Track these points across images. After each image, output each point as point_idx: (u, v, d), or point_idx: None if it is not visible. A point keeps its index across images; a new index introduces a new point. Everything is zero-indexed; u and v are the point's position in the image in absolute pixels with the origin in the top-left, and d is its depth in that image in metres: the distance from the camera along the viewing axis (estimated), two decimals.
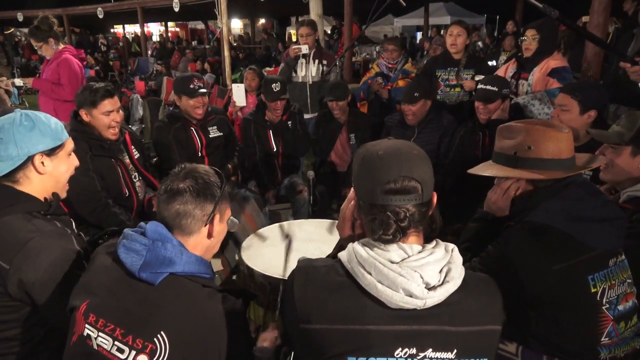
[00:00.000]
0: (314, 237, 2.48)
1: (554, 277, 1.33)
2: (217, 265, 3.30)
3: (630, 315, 1.45)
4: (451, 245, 1.10)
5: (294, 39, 3.99)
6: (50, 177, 1.54)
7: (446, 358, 1.02)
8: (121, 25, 21.97)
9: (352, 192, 1.19)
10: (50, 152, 1.52)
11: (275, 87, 3.42)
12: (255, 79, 4.67)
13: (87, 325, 1.20)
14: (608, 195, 1.84)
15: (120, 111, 2.54)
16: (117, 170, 2.54)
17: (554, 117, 2.41)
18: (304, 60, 4.25)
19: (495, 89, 2.87)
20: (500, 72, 3.42)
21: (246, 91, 4.32)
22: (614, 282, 1.40)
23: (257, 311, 2.16)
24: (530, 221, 1.41)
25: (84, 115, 2.45)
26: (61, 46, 3.98)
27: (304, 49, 4.13)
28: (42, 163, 1.50)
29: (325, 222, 2.62)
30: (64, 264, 1.42)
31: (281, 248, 2.35)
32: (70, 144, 1.61)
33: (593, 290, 1.36)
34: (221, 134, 3.28)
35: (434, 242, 1.09)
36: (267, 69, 9.15)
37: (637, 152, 1.80)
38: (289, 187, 3.62)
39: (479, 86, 2.99)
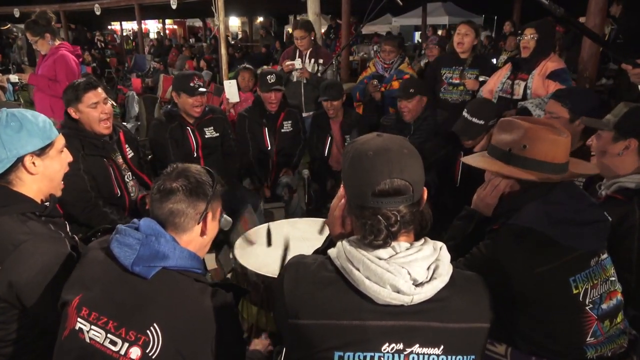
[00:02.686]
0: (308, 236, 2.49)
1: (536, 280, 1.35)
2: (211, 263, 3.30)
3: (615, 313, 1.46)
4: (439, 244, 1.11)
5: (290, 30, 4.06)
6: (43, 177, 1.52)
7: (433, 354, 1.03)
8: (118, 22, 21.87)
9: (342, 190, 1.19)
10: (41, 152, 1.49)
11: (270, 78, 3.42)
12: (252, 79, 4.69)
13: (79, 319, 1.21)
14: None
15: (109, 103, 2.52)
16: (109, 170, 2.53)
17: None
18: (300, 60, 4.27)
19: (481, 122, 2.57)
20: (493, 77, 3.43)
21: (239, 88, 4.32)
22: (596, 281, 1.41)
23: (250, 310, 2.17)
24: (514, 224, 1.41)
25: (73, 113, 2.45)
26: (57, 42, 3.98)
27: (297, 63, 4.21)
28: (33, 163, 1.48)
29: (319, 221, 2.63)
30: (56, 268, 1.41)
31: (274, 247, 2.36)
32: (60, 141, 1.58)
33: (575, 291, 1.37)
34: (218, 134, 3.25)
35: (422, 240, 1.10)
36: (265, 67, 9.13)
37: (619, 138, 1.78)
38: (284, 186, 3.63)
39: (464, 114, 2.66)
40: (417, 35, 17.95)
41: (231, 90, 4.19)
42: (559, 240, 1.36)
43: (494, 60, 6.22)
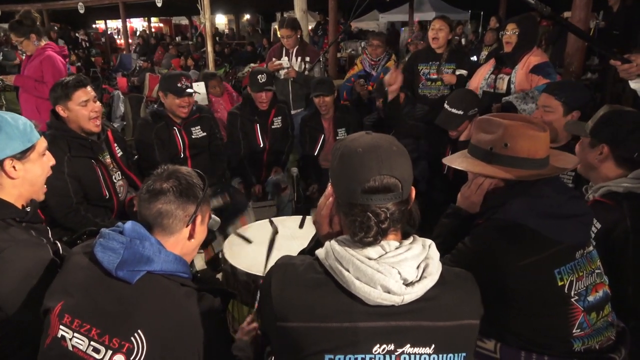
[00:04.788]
0: (297, 234, 2.48)
1: (520, 273, 1.35)
2: (200, 263, 3.28)
3: (602, 305, 1.46)
4: (428, 241, 1.10)
5: (279, 34, 3.99)
6: (24, 181, 1.48)
7: (424, 353, 1.02)
8: (103, 21, 21.63)
9: (329, 189, 1.18)
10: (21, 156, 1.45)
11: (261, 78, 3.39)
12: (220, 84, 4.67)
13: (61, 327, 1.18)
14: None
15: (98, 101, 2.48)
16: (96, 171, 2.47)
17: (537, 117, 2.38)
18: (286, 58, 4.25)
19: (460, 112, 2.66)
20: (477, 74, 3.44)
21: (209, 93, 4.31)
22: (582, 273, 1.41)
23: (240, 310, 2.15)
24: (497, 218, 1.42)
25: (61, 111, 2.39)
26: (43, 43, 3.90)
27: (284, 62, 4.20)
28: (14, 167, 1.44)
29: (308, 219, 2.62)
30: (38, 275, 1.37)
31: (265, 246, 2.35)
32: (42, 144, 1.54)
33: (560, 283, 1.37)
34: (205, 133, 3.22)
35: (411, 238, 1.09)
36: (252, 65, 9.12)
37: (594, 143, 1.79)
38: (273, 184, 3.61)
39: (445, 106, 2.74)
40: (404, 32, 17.98)
41: (199, 91, 4.17)
42: (543, 232, 1.36)
43: (475, 58, 6.26)
